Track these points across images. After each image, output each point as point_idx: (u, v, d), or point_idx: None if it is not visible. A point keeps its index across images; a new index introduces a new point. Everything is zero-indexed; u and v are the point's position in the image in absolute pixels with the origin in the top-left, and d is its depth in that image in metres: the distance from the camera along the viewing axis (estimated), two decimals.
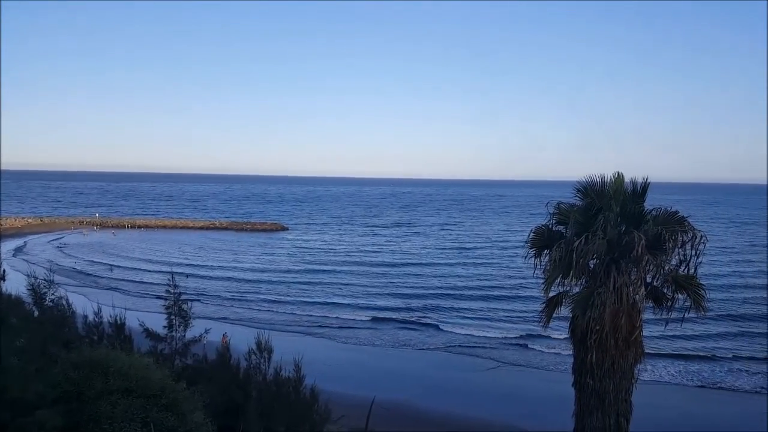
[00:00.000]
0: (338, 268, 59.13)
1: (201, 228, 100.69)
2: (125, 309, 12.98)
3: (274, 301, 44.65)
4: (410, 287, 50.03)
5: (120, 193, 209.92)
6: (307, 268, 59.27)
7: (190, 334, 13.07)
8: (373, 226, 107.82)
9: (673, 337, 34.00)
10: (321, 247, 76.87)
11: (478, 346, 33.91)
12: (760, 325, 37.88)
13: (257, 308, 42.82)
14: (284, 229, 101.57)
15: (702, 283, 12.54)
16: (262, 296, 46.69)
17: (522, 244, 14.78)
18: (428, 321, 39.18)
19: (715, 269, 57.09)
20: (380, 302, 44.43)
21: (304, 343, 31.90)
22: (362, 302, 44.64)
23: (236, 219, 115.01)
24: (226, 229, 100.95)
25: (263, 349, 14.09)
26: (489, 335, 35.91)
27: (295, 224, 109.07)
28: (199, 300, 42.03)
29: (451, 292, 48.06)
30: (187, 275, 52.23)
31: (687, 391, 27.32)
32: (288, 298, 45.89)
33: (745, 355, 31.64)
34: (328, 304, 44.16)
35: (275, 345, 13.99)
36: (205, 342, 13.37)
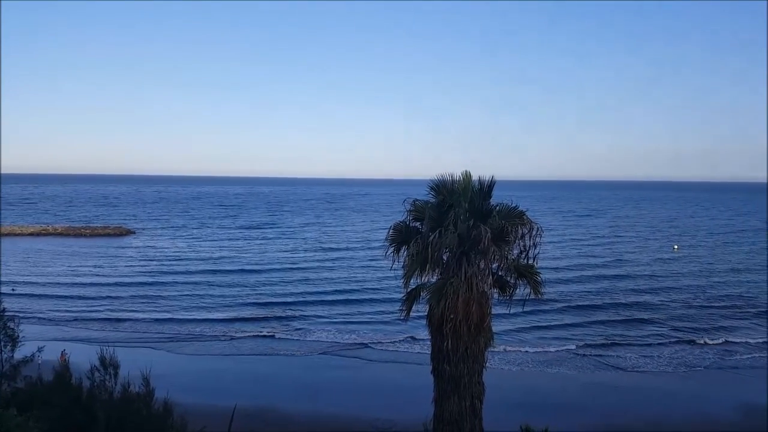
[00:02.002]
0: (192, 278, 55.48)
1: (31, 234, 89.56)
2: None
3: (117, 320, 40.29)
4: (272, 294, 48.67)
5: None
6: (155, 280, 54.63)
7: (19, 355, 11.83)
8: (233, 228, 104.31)
9: (532, 328, 37.86)
10: (173, 252, 72.44)
11: (345, 348, 34.59)
12: (599, 313, 42.97)
13: (99, 325, 39.00)
14: (130, 233, 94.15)
15: (539, 271, 14.21)
16: (103, 311, 42.62)
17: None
18: (292, 327, 38.79)
19: (563, 262, 64.22)
20: (240, 311, 42.67)
21: (156, 358, 30.15)
22: (220, 312, 42.62)
23: (74, 223, 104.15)
24: (61, 234, 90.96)
25: (108, 365, 13.20)
26: (354, 337, 36.72)
27: (143, 228, 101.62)
28: (28, 320, 37.54)
29: (316, 297, 47.37)
30: (13, 290, 46.30)
31: (537, 373, 30.58)
32: (133, 313, 42.19)
33: (592, 342, 35.64)
34: (180, 317, 41.20)
35: (122, 361, 13.22)
36: (39, 362, 12.22)
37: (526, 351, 33.75)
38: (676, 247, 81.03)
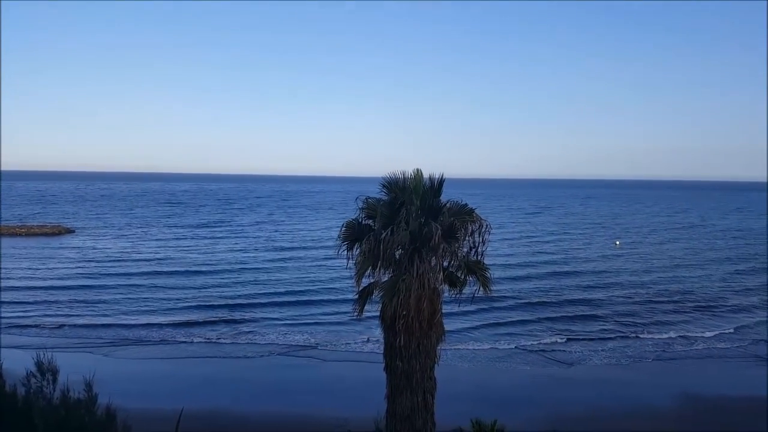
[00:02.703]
0: (135, 280, 53.22)
1: None
2: None
3: (55, 325, 38.27)
4: (221, 296, 47.05)
5: None
6: (96, 282, 52.14)
7: None
8: (180, 226, 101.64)
9: (484, 326, 38.57)
10: (115, 252, 69.81)
11: (298, 349, 34.29)
12: (547, 309, 44.06)
13: (35, 331, 37.03)
14: (70, 232, 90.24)
15: (488, 267, 14.63)
16: (39, 316, 40.54)
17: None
18: (243, 330, 37.73)
19: (513, 259, 65.81)
20: (187, 315, 41.11)
21: (97, 363, 29.11)
22: (165, 316, 41.04)
23: (7, 222, 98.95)
24: None
25: (46, 370, 12.70)
26: (307, 338, 36.44)
27: (84, 227, 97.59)
28: None
29: (267, 299, 45.99)
30: None
31: (488, 368, 31.32)
32: (72, 317, 40.17)
33: (541, 338, 36.52)
34: (123, 321, 39.66)
35: (61, 367, 12.74)
36: None
37: (478, 347, 34.48)
38: (617, 242, 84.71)
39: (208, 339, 35.90)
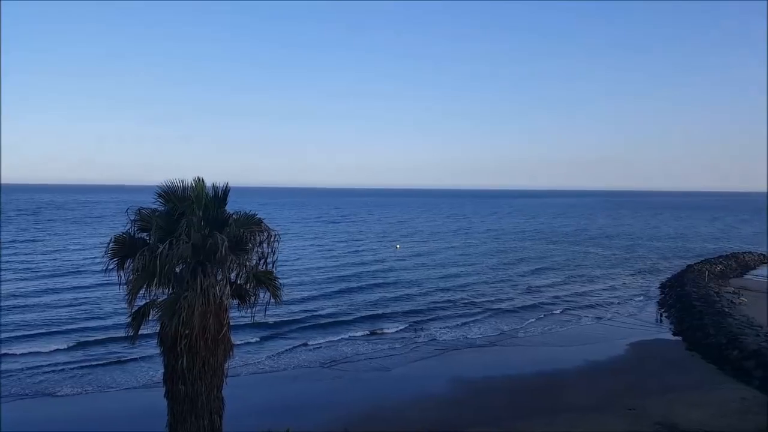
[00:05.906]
0: None
1: None
2: None
3: None
4: None
5: None
6: None
7: None
8: None
9: (277, 341, 38.13)
10: None
11: (68, 388, 29.96)
12: (342, 326, 44.37)
13: None
14: None
15: (278, 277, 14.75)
16: None
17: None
18: None
19: (309, 276, 66.55)
20: None
21: None
22: None
23: None
24: None
25: None
26: (77, 379, 32.25)
27: None
28: None
29: (22, 342, 37.09)
30: None
31: (283, 383, 31.33)
32: None
33: (331, 350, 37.23)
34: None
35: None
36: None
37: (273, 365, 33.85)
38: (397, 246, 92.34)
39: None
